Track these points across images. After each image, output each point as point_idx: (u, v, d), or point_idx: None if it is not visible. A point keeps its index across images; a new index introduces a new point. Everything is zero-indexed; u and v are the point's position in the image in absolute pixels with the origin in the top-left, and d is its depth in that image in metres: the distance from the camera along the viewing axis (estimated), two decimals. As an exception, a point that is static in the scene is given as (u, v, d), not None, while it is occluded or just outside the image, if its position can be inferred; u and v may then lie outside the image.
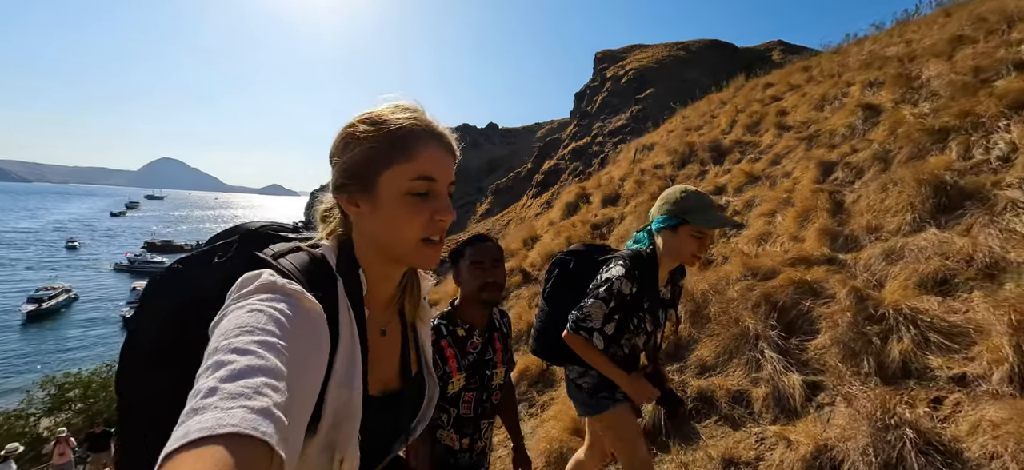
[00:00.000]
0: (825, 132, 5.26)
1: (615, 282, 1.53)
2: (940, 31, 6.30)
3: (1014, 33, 4.87)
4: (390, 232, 0.67)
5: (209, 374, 0.44)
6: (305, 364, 0.52)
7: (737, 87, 10.29)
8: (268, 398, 0.42)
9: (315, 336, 0.57)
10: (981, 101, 3.79)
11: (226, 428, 0.37)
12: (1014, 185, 2.88)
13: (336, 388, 0.62)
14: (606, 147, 33.46)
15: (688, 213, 1.53)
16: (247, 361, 0.44)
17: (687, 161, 7.02)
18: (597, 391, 1.71)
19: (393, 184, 0.66)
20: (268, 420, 0.40)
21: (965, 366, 2.00)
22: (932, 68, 5.14)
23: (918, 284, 2.52)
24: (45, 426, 16.67)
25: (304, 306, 0.56)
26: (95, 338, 30.75)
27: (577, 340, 1.56)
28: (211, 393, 0.41)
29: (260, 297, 0.53)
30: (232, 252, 0.70)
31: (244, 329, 0.48)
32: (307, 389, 0.52)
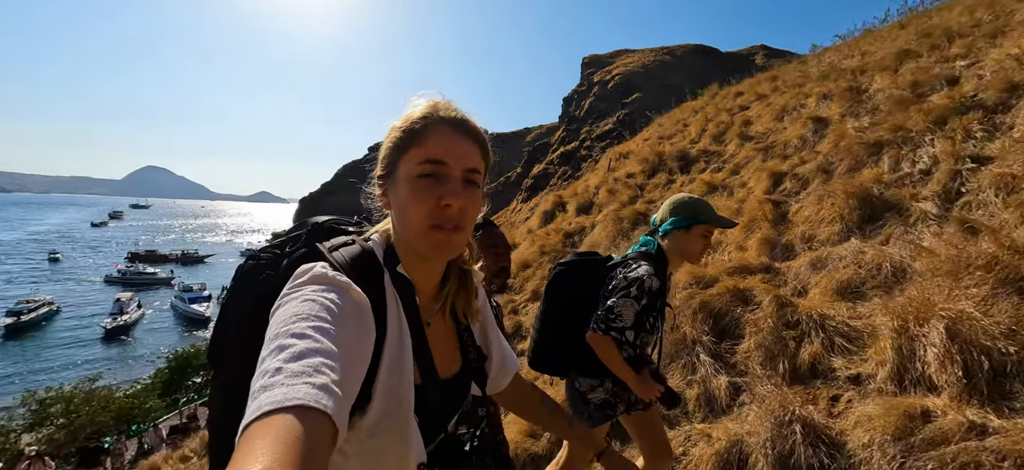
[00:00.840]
0: (780, 143, 5.55)
1: (646, 280, 1.56)
2: (891, 44, 6.65)
3: (953, 49, 5.20)
4: (402, 218, 0.70)
5: (273, 356, 0.48)
6: (353, 349, 0.56)
7: (711, 95, 10.62)
8: (326, 376, 0.47)
9: (362, 324, 0.61)
10: (912, 116, 4.08)
11: (293, 401, 0.42)
12: (928, 198, 3.15)
13: (385, 377, 0.65)
14: (594, 151, 33.83)
15: (700, 214, 1.65)
16: (305, 344, 0.49)
17: (657, 170, 7.29)
18: (604, 407, 1.73)
19: (405, 169, 0.68)
20: (328, 395, 0.45)
21: (860, 366, 2.24)
22: (878, 82, 5.46)
23: (834, 291, 2.77)
24: (26, 442, 16.45)
25: (351, 296, 0.61)
26: (77, 352, 30.27)
27: (604, 341, 1.57)
28: (277, 372, 0.46)
29: (313, 287, 0.58)
30: (301, 244, 0.74)
31: (301, 316, 0.53)
32: (356, 372, 0.56)
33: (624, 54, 42.65)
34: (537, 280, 5.87)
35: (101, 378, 20.73)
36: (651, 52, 40.90)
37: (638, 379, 1.62)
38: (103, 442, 16.62)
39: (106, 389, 19.49)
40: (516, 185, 45.45)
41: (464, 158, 0.69)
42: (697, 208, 1.66)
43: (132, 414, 18.71)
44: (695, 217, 1.65)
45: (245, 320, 0.66)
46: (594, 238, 6.02)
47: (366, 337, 0.61)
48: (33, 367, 27.27)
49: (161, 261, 66.37)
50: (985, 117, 3.59)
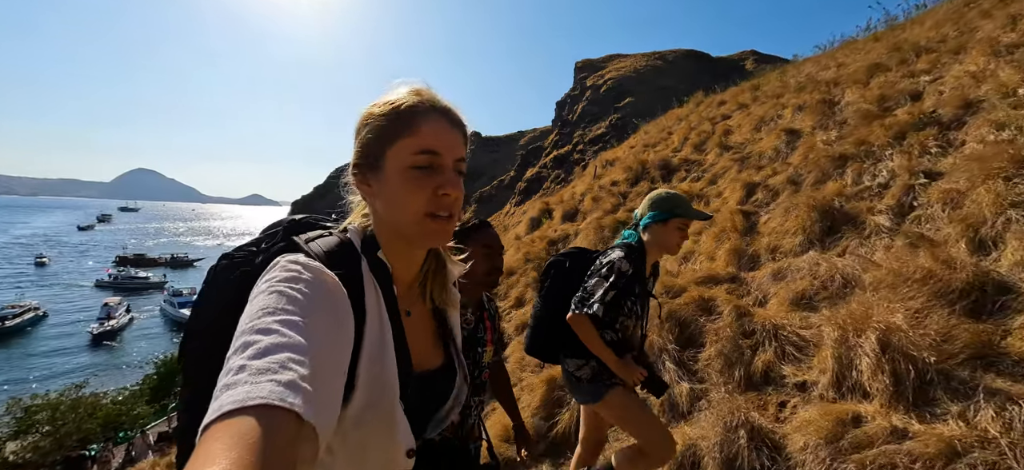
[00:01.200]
0: (755, 154, 5.74)
1: (617, 262, 1.70)
2: (865, 57, 6.88)
3: (919, 64, 5.42)
4: (395, 208, 0.69)
5: (238, 353, 0.47)
6: (328, 338, 0.55)
7: (696, 103, 10.86)
8: (293, 372, 0.45)
9: (337, 312, 0.59)
10: (874, 131, 4.28)
11: (255, 400, 0.41)
12: (883, 212, 3.33)
13: (367, 366, 0.64)
14: (587, 155, 34.12)
15: (676, 208, 1.76)
16: (271, 339, 0.48)
17: (640, 178, 7.47)
18: (595, 378, 1.82)
19: (397, 159, 0.68)
20: (294, 391, 0.43)
21: (806, 374, 2.39)
22: (849, 95, 5.67)
23: (790, 302, 2.93)
24: (11, 450, 16.27)
25: (325, 283, 0.59)
26: (63, 358, 29.92)
27: (580, 320, 1.69)
28: (240, 370, 0.44)
29: (283, 276, 0.57)
30: (277, 240, 0.73)
31: (267, 310, 0.52)
32: (333, 362, 0.54)
33: (617, 59, 43.06)
34: (521, 287, 5.99)
35: (88, 385, 20.53)
36: (643, 57, 41.32)
37: (619, 362, 1.71)
38: (90, 449, 16.48)
39: (93, 396, 19.31)
40: (510, 189, 45.66)
41: (454, 148, 0.70)
42: (673, 202, 1.78)
43: (119, 421, 18.55)
44: (672, 211, 1.76)
45: (215, 326, 0.63)
46: (576, 245, 6.16)
47: (342, 324, 0.60)
48: (17, 374, 26.91)
49: (150, 265, 65.71)
50: (940, 133, 3.79)
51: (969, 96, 3.98)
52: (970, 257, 2.56)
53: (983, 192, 2.77)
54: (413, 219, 0.69)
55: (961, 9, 6.57)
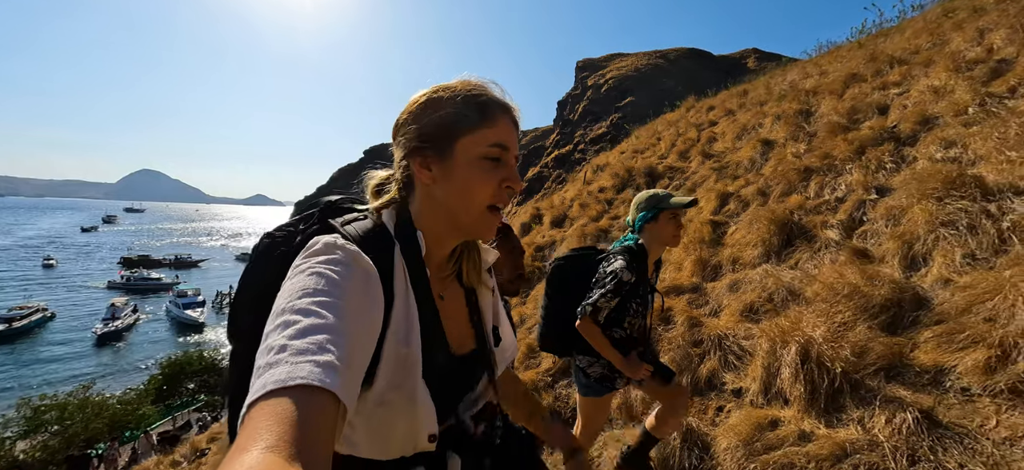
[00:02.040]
0: (733, 164, 5.95)
1: (620, 273, 1.78)
2: (845, 65, 7.05)
3: (892, 75, 5.60)
4: (461, 196, 0.70)
5: (278, 332, 0.49)
6: (361, 319, 0.56)
7: (687, 108, 11.03)
8: (331, 353, 0.47)
9: (370, 294, 0.61)
10: (838, 145, 4.48)
11: (297, 380, 0.43)
12: (834, 226, 3.55)
13: (393, 344, 0.66)
14: (588, 155, 34.29)
15: (661, 202, 1.86)
16: (310, 320, 0.49)
17: (627, 185, 7.69)
18: (603, 379, 1.95)
19: (470, 149, 0.69)
20: (332, 372, 0.45)
21: (742, 381, 2.62)
22: (824, 105, 5.87)
23: (740, 312, 3.16)
24: (21, 449, 16.77)
25: (360, 265, 0.61)
26: (72, 359, 30.51)
27: (586, 325, 1.79)
28: (282, 350, 0.46)
29: (320, 258, 0.59)
30: (314, 221, 0.74)
31: (306, 291, 0.53)
32: (364, 343, 0.56)
33: (618, 58, 43.12)
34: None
35: (94, 385, 21.02)
36: (644, 55, 41.35)
37: (625, 361, 1.82)
38: (97, 448, 16.92)
39: (99, 396, 19.80)
40: (511, 188, 45.84)
41: (516, 145, 0.74)
42: (657, 198, 1.88)
43: (125, 421, 19.01)
44: (658, 206, 1.87)
45: (258, 298, 0.66)
46: (562, 251, 6.40)
47: (375, 306, 0.61)
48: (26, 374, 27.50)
49: (154, 265, 66.53)
50: (896, 149, 3.99)
51: (927, 112, 4.18)
52: (901, 273, 2.79)
53: (918, 210, 2.98)
54: (477, 209, 0.71)
55: (939, 19, 6.73)
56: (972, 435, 1.77)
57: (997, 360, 1.93)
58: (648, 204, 1.89)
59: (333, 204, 0.78)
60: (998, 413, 1.80)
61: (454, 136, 0.69)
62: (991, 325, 2.05)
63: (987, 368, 1.93)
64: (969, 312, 2.17)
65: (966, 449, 1.74)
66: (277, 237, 0.75)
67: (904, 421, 1.88)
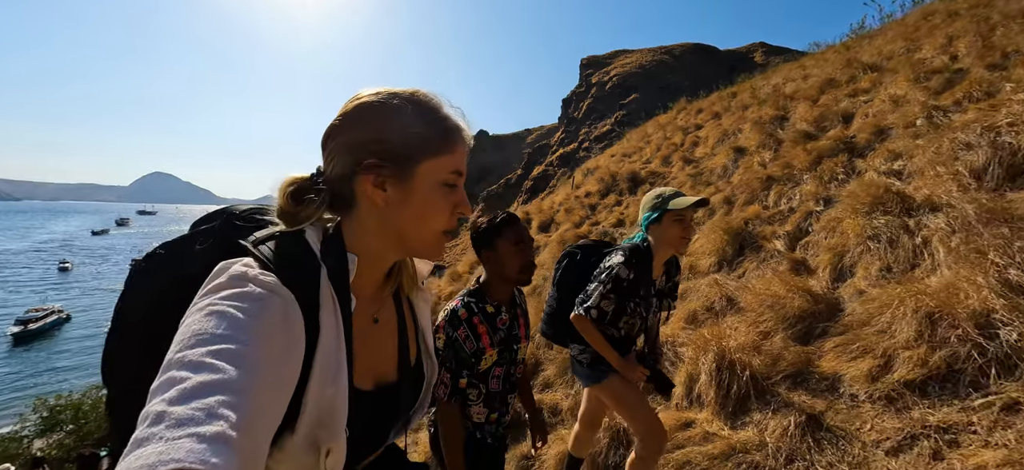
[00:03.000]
0: (708, 171, 6.14)
1: (615, 268, 1.76)
2: (825, 69, 7.17)
3: (863, 82, 5.74)
4: (418, 221, 0.67)
5: (159, 394, 0.41)
6: (275, 367, 0.50)
7: (678, 109, 11.18)
8: (222, 421, 0.40)
9: (289, 334, 0.54)
10: (798, 155, 4.66)
11: (168, 465, 0.35)
12: (782, 237, 3.75)
13: (318, 386, 0.59)
14: (592, 152, 34.42)
15: (666, 203, 1.79)
16: (201, 378, 0.42)
17: (610, 190, 7.90)
18: (595, 364, 1.91)
19: (431, 175, 0.66)
20: (219, 447, 0.38)
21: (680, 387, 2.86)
22: (799, 111, 6.02)
23: (684, 320, 3.38)
24: (38, 447, 17.55)
25: (278, 302, 0.54)
26: (85, 359, 31.55)
27: (581, 320, 1.79)
28: (158, 420, 0.39)
29: (224, 294, 0.51)
30: (214, 238, 0.67)
31: (202, 337, 0.46)
32: (278, 393, 0.50)
33: (622, 55, 43.05)
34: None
35: (108, 385, 21.79)
36: (649, 52, 41.24)
37: (621, 361, 1.79)
38: (108, 446, 17.61)
39: (113, 396, 20.55)
40: (516, 187, 46.14)
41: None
42: (662, 199, 1.82)
43: (137, 420, 19.73)
44: (662, 207, 1.80)
45: (136, 343, 0.60)
46: (541, 260, 6.65)
47: (295, 348, 0.55)
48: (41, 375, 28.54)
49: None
50: (849, 160, 4.17)
51: (883, 123, 4.35)
52: (830, 284, 2.99)
53: (849, 223, 3.18)
54: (432, 235, 0.69)
55: (918, 22, 6.82)
56: (848, 438, 1.99)
57: (880, 369, 2.14)
58: (654, 204, 1.84)
59: (237, 216, 0.71)
60: (873, 418, 2.02)
61: (417, 159, 0.65)
62: (881, 337, 2.26)
63: (871, 376, 2.14)
64: (867, 324, 2.38)
65: (838, 450, 1.96)
66: (161, 256, 0.66)
67: (791, 424, 2.10)
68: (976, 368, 1.91)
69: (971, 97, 3.73)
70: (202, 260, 0.61)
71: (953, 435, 1.77)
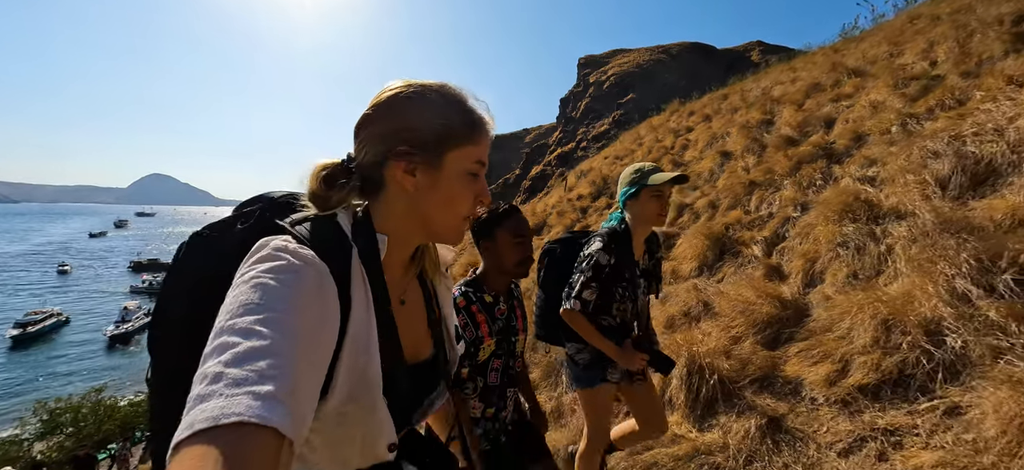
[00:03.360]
0: (695, 174, 6.24)
1: (595, 255, 1.72)
2: (811, 72, 7.27)
3: (847, 86, 5.83)
4: (444, 207, 0.70)
5: (214, 357, 0.44)
6: (313, 337, 0.52)
7: (672, 111, 11.28)
8: (273, 382, 0.43)
9: (324, 305, 0.57)
10: (779, 160, 4.76)
11: (231, 417, 0.39)
12: (760, 242, 3.85)
13: (350, 357, 0.62)
14: (590, 152, 34.52)
15: (643, 178, 1.76)
16: (251, 343, 0.45)
17: (601, 193, 8.00)
18: (590, 367, 1.87)
19: (458, 163, 0.70)
20: (274, 405, 0.41)
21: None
22: (783, 116, 6.12)
23: (662, 324, 3.49)
24: (38, 450, 17.68)
25: (313, 272, 0.57)
26: (84, 362, 31.66)
27: (570, 314, 1.74)
28: (217, 379, 0.42)
29: (265, 266, 0.54)
30: (254, 220, 0.70)
31: (248, 306, 0.49)
32: (316, 359, 0.53)
33: (620, 54, 43.12)
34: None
35: (107, 388, 21.93)
36: (646, 51, 41.31)
37: (619, 350, 1.76)
38: (110, 449, 17.73)
39: (111, 399, 20.67)
40: (515, 187, 46.25)
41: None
42: (640, 173, 1.79)
43: (137, 422, 19.84)
44: (640, 182, 1.77)
45: (187, 317, 0.63)
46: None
47: (329, 318, 0.58)
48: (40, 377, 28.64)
49: (163, 269, 68.14)
50: (827, 166, 4.27)
51: (860, 129, 4.45)
52: (801, 289, 3.10)
53: (821, 230, 3.29)
54: (457, 221, 0.72)
55: (904, 26, 6.92)
56: (805, 440, 2.10)
57: (837, 374, 2.25)
58: (631, 179, 1.81)
59: (277, 201, 0.75)
60: (829, 420, 2.13)
61: (446, 148, 0.69)
62: (840, 342, 2.36)
63: (829, 381, 2.25)
64: (829, 330, 2.49)
65: (794, 452, 2.07)
66: (209, 236, 0.70)
67: (753, 427, 2.21)
68: (925, 373, 2.01)
69: (943, 105, 3.84)
70: (243, 238, 0.64)
71: (898, 437, 1.87)
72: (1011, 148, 2.82)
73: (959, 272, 2.11)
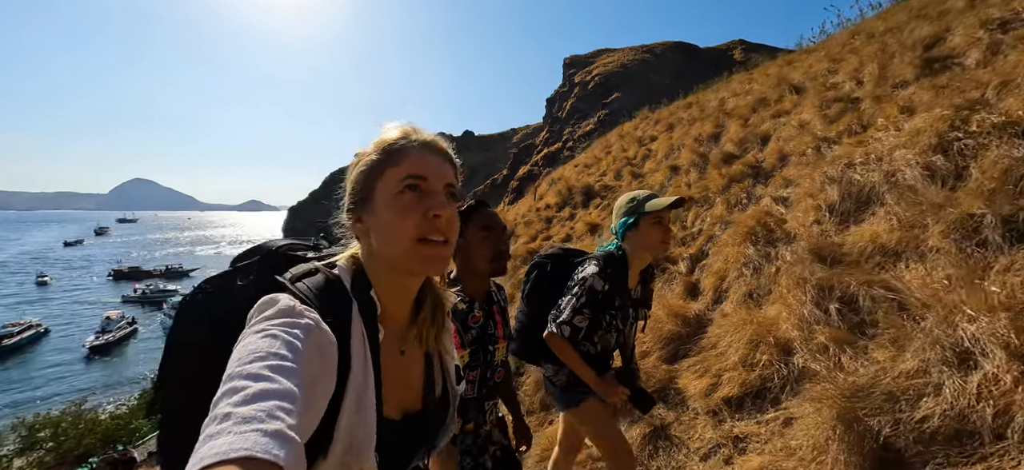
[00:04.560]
0: (648, 186, 6.59)
1: (589, 279, 1.66)
2: (762, 85, 7.65)
3: (786, 103, 6.22)
4: (388, 237, 0.71)
5: (225, 399, 0.47)
6: (315, 389, 0.57)
7: (641, 118, 11.64)
8: (281, 421, 0.45)
9: (326, 362, 0.61)
10: (713, 177, 5.13)
11: (238, 452, 0.41)
12: (685, 259, 4.21)
13: (348, 414, 0.65)
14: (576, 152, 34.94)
15: (641, 206, 1.72)
16: (260, 386, 0.48)
17: (566, 203, 8.34)
18: (569, 386, 1.83)
19: (385, 189, 0.72)
20: (281, 442, 0.43)
21: (569, 401, 3.30)
22: (730, 131, 6.49)
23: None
24: (18, 466, 17.62)
25: (317, 332, 0.61)
26: (62, 373, 31.41)
27: (554, 338, 1.68)
28: (226, 419, 0.44)
29: (275, 322, 0.58)
30: (254, 274, 0.74)
31: (258, 354, 0.52)
32: (316, 412, 0.57)
33: (605, 54, 43.60)
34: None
35: (87, 401, 21.85)
36: (631, 50, 41.83)
37: (598, 380, 1.70)
38: (91, 462, 17.74)
39: (92, 412, 20.63)
40: (503, 187, 46.55)
41: (442, 174, 0.74)
42: (637, 202, 1.74)
43: (118, 435, 19.83)
44: (638, 211, 1.72)
45: (190, 369, 0.67)
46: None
47: (328, 375, 0.62)
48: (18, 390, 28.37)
49: (145, 277, 67.33)
50: (752, 185, 4.64)
51: (785, 149, 4.82)
52: (710, 306, 3.45)
53: (731, 250, 3.64)
54: (406, 245, 0.71)
55: (846, 41, 7.33)
56: (679, 446, 2.45)
57: (712, 387, 2.60)
58: (628, 209, 1.76)
59: (275, 254, 0.79)
60: (701, 429, 2.47)
61: (372, 183, 0.73)
62: (720, 358, 2.72)
63: (706, 393, 2.60)
64: (714, 347, 2.84)
65: (668, 456, 2.42)
66: (209, 291, 0.75)
67: (639, 435, 2.55)
68: (777, 387, 2.37)
69: (850, 130, 4.22)
70: (244, 295, 0.68)
71: (745, 444, 2.22)
72: (886, 177, 3.19)
73: (808, 298, 2.47)
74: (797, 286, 2.60)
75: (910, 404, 1.70)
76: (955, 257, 2.27)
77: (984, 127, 2.88)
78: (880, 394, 1.77)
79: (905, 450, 1.62)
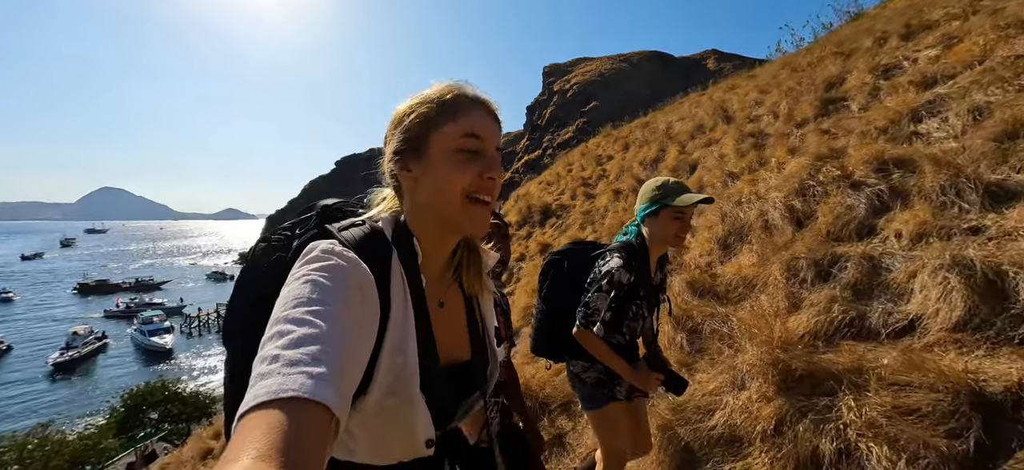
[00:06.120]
0: (595, 209, 7.18)
1: (615, 273, 1.67)
2: (704, 110, 8.30)
3: (717, 132, 6.86)
4: (439, 189, 0.74)
5: (273, 342, 0.51)
6: (355, 329, 0.60)
7: (605, 135, 12.31)
8: (324, 365, 0.49)
9: (366, 302, 0.64)
10: (644, 206, 5.72)
11: (288, 392, 0.45)
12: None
13: (389, 355, 0.69)
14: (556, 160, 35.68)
15: (666, 197, 1.69)
16: (304, 330, 0.52)
17: (526, 221, 8.88)
18: (599, 386, 1.83)
19: (443, 143, 0.73)
20: (324, 385, 0.47)
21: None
22: (669, 156, 7.12)
23: (523, 355, 4.35)
24: (-20, 492, 17.32)
25: (356, 273, 0.64)
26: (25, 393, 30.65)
27: (586, 335, 1.68)
28: (275, 360, 0.49)
29: (315, 266, 0.61)
30: (310, 226, 0.79)
31: (301, 299, 0.56)
32: (358, 352, 0.59)
33: (583, 63, 44.62)
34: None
35: (53, 423, 21.51)
36: (608, 59, 42.91)
37: (633, 371, 1.72)
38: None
39: (59, 433, 20.33)
40: (484, 195, 47.05)
41: (494, 136, 0.77)
42: (664, 192, 1.73)
43: (86, 457, 19.60)
44: (661, 201, 1.71)
45: (253, 302, 0.72)
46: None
47: (370, 315, 0.65)
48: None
49: (114, 291, 65.67)
50: (672, 214, 5.24)
51: (705, 179, 5.45)
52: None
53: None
54: (456, 201, 0.74)
55: (776, 73, 8.02)
56: (568, 451, 2.98)
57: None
58: (652, 196, 1.75)
59: (329, 208, 0.83)
60: (586, 439, 3.01)
61: (428, 133, 0.74)
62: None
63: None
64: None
65: (558, 461, 2.95)
66: (273, 242, 0.80)
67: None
68: (645, 399, 2.92)
69: (751, 167, 4.86)
70: (302, 245, 0.73)
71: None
72: (759, 216, 3.81)
73: (669, 327, 3.04)
74: (665, 319, 3.17)
75: (708, 416, 2.26)
76: (785, 291, 2.87)
77: (829, 177, 3.52)
78: (692, 408, 2.33)
79: (697, 451, 2.18)
